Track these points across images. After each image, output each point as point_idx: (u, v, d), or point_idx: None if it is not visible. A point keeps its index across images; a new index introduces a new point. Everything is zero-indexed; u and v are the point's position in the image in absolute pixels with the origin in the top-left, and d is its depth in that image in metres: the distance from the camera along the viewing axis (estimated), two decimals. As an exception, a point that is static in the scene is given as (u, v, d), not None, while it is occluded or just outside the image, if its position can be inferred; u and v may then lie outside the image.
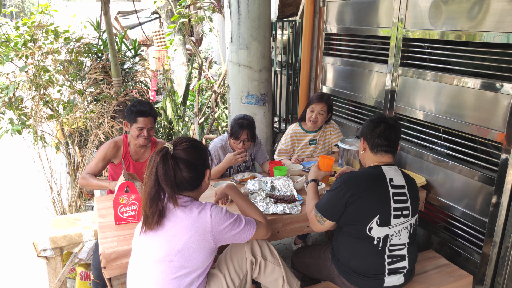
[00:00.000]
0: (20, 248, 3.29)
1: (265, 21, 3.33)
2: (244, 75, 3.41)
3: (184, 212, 1.54)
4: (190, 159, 1.55)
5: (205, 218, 1.54)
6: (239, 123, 2.58)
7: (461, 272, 2.11)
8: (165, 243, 1.51)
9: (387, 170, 1.86)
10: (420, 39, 2.54)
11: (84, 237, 2.50)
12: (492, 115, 2.10)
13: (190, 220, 1.52)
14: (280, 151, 2.99)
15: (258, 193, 2.21)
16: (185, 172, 1.54)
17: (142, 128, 2.43)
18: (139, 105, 2.43)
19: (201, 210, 1.55)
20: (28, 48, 3.33)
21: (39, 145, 3.36)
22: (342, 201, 1.81)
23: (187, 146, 1.57)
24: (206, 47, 11.05)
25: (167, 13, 7.16)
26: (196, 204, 1.58)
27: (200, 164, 1.59)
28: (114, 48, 3.55)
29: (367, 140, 1.92)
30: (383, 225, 1.79)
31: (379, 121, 1.91)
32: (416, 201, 1.89)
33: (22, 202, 4.13)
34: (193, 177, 1.57)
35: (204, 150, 1.63)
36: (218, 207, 1.60)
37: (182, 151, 1.55)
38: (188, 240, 1.51)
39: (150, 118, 2.43)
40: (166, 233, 1.52)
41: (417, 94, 2.55)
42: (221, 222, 1.56)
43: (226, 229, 1.58)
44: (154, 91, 6.63)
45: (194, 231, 1.51)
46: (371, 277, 1.84)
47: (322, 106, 2.83)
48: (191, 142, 1.60)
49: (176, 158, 1.53)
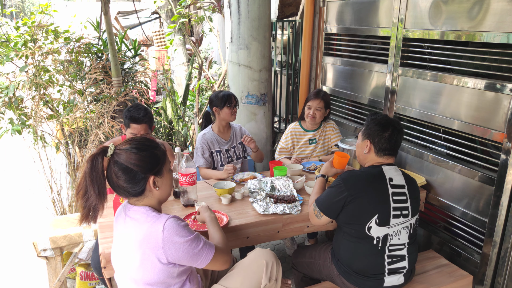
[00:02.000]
0: (20, 248, 3.29)
1: (265, 21, 3.33)
2: (244, 75, 3.41)
3: (134, 227, 1.43)
4: (126, 164, 1.40)
5: (156, 232, 1.38)
6: (223, 93, 2.70)
7: (461, 272, 2.11)
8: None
9: (387, 170, 1.86)
10: (420, 39, 2.54)
11: (84, 237, 2.50)
12: (492, 115, 2.10)
13: (140, 235, 1.40)
14: (281, 150, 3.00)
15: (258, 193, 2.21)
16: (121, 176, 1.41)
17: (135, 135, 2.39)
18: (134, 110, 2.39)
19: (153, 223, 1.40)
20: (28, 48, 3.33)
21: (39, 145, 3.36)
22: (340, 199, 1.82)
23: (128, 148, 1.43)
24: (206, 47, 11.04)
25: (167, 13, 7.17)
26: (150, 216, 1.43)
27: (139, 172, 1.41)
28: (114, 48, 3.55)
29: (373, 143, 1.89)
30: (382, 224, 1.79)
31: (387, 125, 1.88)
32: (417, 201, 1.89)
33: (22, 202, 4.13)
34: (130, 185, 1.42)
35: (146, 153, 1.44)
36: (175, 221, 1.42)
37: (122, 153, 1.42)
38: (141, 257, 1.40)
39: (143, 125, 2.38)
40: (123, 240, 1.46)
41: (417, 94, 2.55)
42: (174, 237, 1.39)
43: (180, 246, 1.40)
44: (154, 91, 6.63)
45: (145, 246, 1.39)
46: (371, 277, 1.84)
47: (318, 102, 2.84)
48: (134, 144, 1.44)
49: (112, 160, 1.41)
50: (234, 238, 1.98)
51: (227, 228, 1.94)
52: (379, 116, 1.94)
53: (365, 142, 1.93)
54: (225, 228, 1.94)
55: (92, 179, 1.39)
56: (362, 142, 1.96)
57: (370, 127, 1.91)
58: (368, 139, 1.91)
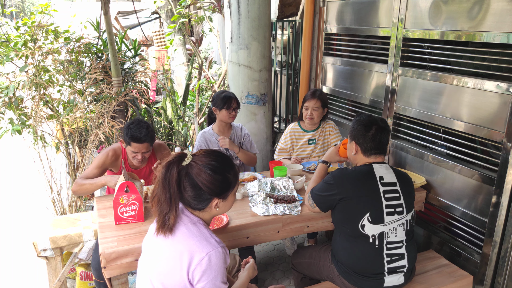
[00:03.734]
0: (20, 248, 3.29)
1: (265, 21, 3.33)
2: (244, 75, 3.41)
3: (182, 233, 1.40)
4: (197, 181, 1.39)
5: (198, 254, 1.36)
6: (225, 95, 2.68)
7: (461, 272, 2.11)
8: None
9: (377, 168, 1.88)
10: (420, 39, 2.54)
11: (84, 237, 2.50)
12: (492, 115, 2.10)
13: (183, 246, 1.38)
14: (280, 150, 3.00)
15: (258, 194, 2.21)
16: (189, 191, 1.41)
17: (135, 153, 2.31)
18: (135, 128, 2.25)
19: (200, 243, 1.37)
20: (28, 48, 3.33)
21: (39, 145, 3.36)
22: (330, 196, 1.88)
23: (204, 165, 1.40)
24: (206, 47, 11.04)
25: (167, 13, 7.17)
26: (202, 233, 1.40)
27: (206, 193, 1.41)
28: (114, 48, 3.55)
29: (359, 144, 1.93)
30: (375, 222, 1.80)
31: (370, 124, 1.91)
32: (411, 197, 1.91)
33: (22, 202, 4.13)
34: (194, 201, 1.42)
35: (219, 177, 1.41)
36: (221, 257, 1.38)
37: (196, 168, 1.39)
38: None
39: (144, 144, 2.28)
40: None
41: (417, 94, 2.55)
42: (208, 271, 1.35)
43: (206, 283, 1.36)
44: (154, 91, 6.63)
45: (182, 257, 1.37)
46: (371, 277, 1.84)
47: (315, 102, 2.84)
48: (211, 162, 1.41)
49: (184, 171, 1.40)
50: (234, 238, 1.97)
51: (227, 228, 1.94)
52: (362, 116, 1.97)
53: (352, 144, 1.97)
54: (225, 228, 1.94)
55: (164, 186, 1.38)
56: (350, 144, 2.00)
57: (354, 128, 1.95)
58: (353, 140, 1.95)
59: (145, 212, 2.02)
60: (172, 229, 1.41)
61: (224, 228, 1.93)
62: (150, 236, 1.52)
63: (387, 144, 1.94)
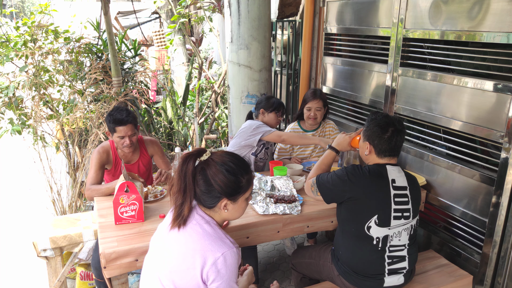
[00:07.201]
0: (20, 248, 3.29)
1: (265, 21, 3.32)
2: (244, 75, 3.40)
3: (196, 232, 1.42)
4: (211, 178, 1.42)
5: (213, 254, 1.37)
6: (275, 99, 2.83)
7: (461, 272, 2.11)
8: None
9: (390, 170, 1.85)
10: (420, 39, 2.54)
11: (84, 237, 2.50)
12: (492, 115, 2.10)
13: (197, 245, 1.39)
14: (280, 150, 3.00)
15: (258, 193, 2.21)
16: (201, 185, 1.43)
17: (123, 137, 2.36)
18: (116, 113, 2.34)
19: (214, 243, 1.38)
20: (28, 48, 3.33)
21: (39, 145, 3.36)
22: (340, 193, 1.84)
23: (221, 164, 1.42)
24: (206, 47, 11.05)
25: (167, 13, 7.17)
26: (217, 233, 1.42)
27: (217, 190, 1.43)
28: (114, 48, 3.55)
29: (374, 145, 1.87)
30: (382, 225, 1.79)
31: (387, 126, 1.84)
32: (418, 203, 1.89)
33: (22, 202, 4.13)
34: (204, 196, 1.45)
35: (233, 179, 1.43)
36: (234, 258, 1.39)
37: (212, 166, 1.42)
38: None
39: (128, 125, 2.34)
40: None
41: (417, 94, 2.55)
42: (222, 269, 1.37)
43: (219, 283, 1.37)
44: (154, 91, 6.63)
45: (195, 256, 1.38)
46: (371, 277, 1.84)
47: (317, 102, 2.83)
48: (229, 162, 1.43)
49: (200, 166, 1.43)
50: (234, 238, 1.97)
51: (227, 228, 1.95)
52: (379, 116, 1.90)
53: (365, 143, 1.91)
54: (226, 228, 1.94)
55: (180, 176, 1.42)
56: (363, 143, 1.94)
57: (370, 128, 1.88)
58: (367, 141, 1.89)
59: (145, 212, 2.02)
60: (186, 222, 1.43)
61: (224, 228, 1.93)
62: (160, 233, 1.52)
63: (401, 146, 1.89)
